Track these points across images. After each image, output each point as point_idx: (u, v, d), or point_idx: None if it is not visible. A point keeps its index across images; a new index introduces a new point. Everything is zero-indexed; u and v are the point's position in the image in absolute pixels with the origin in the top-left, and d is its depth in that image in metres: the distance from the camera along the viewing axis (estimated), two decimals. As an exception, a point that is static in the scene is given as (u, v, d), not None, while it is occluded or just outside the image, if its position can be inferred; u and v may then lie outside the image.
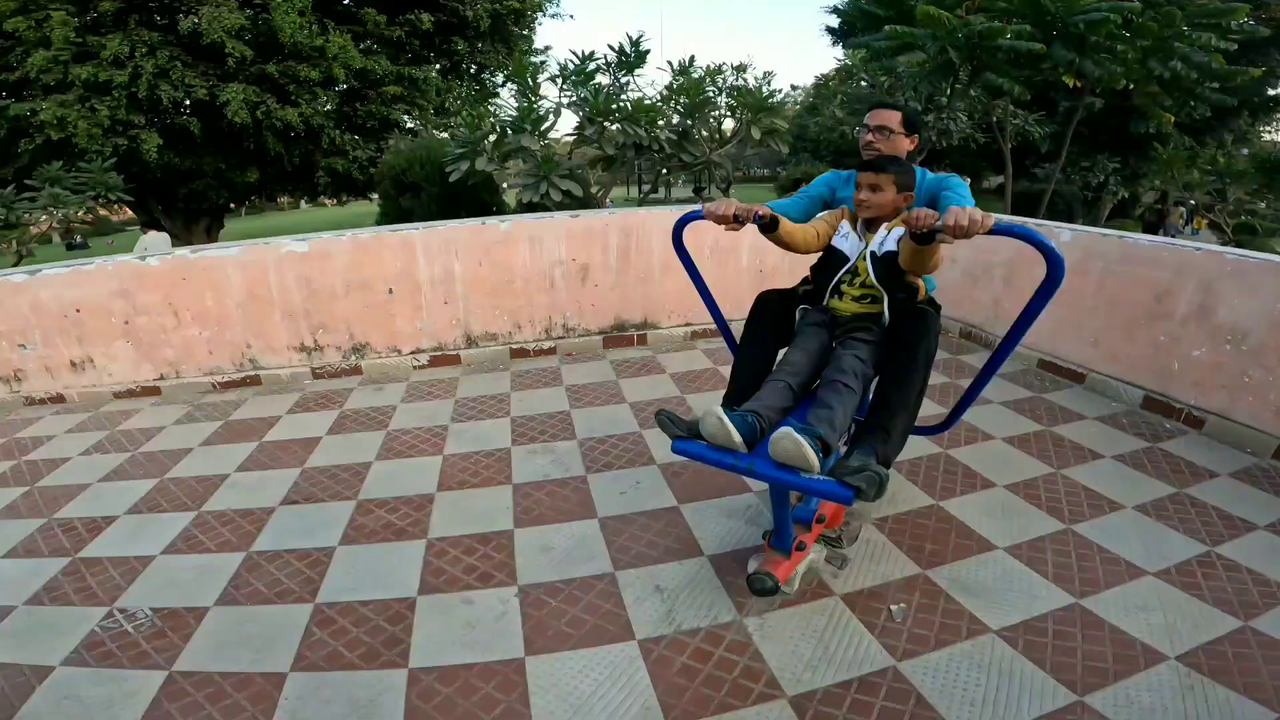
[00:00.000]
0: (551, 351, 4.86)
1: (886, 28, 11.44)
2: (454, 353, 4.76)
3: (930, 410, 3.46)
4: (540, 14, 16.32)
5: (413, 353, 4.74)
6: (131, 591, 2.38)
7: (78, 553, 2.66)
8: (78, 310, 4.36)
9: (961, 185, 2.15)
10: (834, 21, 20.89)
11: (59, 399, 4.57)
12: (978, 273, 4.64)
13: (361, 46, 13.05)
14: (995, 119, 13.00)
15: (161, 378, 4.58)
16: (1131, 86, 13.09)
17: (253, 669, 1.95)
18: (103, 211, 11.06)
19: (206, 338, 4.51)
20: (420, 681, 1.86)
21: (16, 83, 11.00)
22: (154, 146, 11.33)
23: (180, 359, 4.54)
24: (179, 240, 14.31)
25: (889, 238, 2.17)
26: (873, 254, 2.17)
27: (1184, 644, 1.89)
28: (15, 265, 6.56)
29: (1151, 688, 1.75)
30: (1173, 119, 14.81)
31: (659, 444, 3.25)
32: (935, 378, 3.86)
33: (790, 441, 1.70)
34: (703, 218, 2.18)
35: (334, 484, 3.07)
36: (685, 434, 1.96)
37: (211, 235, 15.25)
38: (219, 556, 2.56)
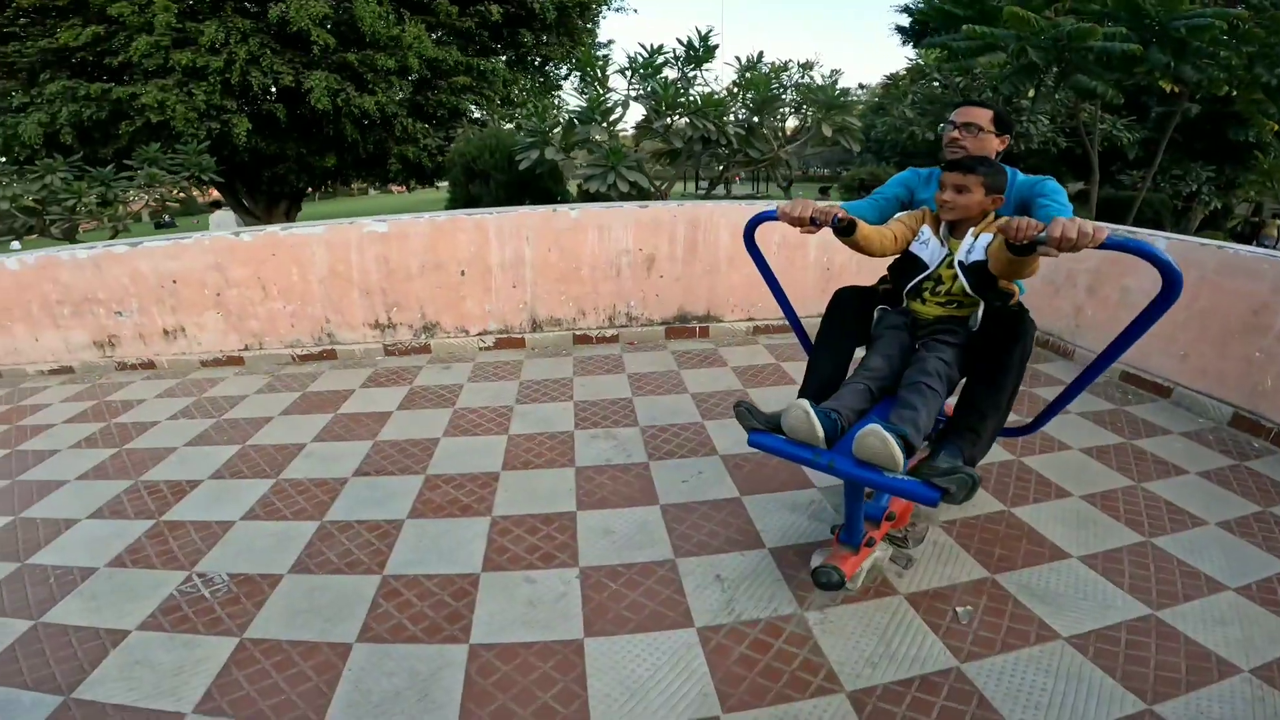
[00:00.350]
0: (614, 339, 4.91)
1: (965, 28, 11.01)
2: (519, 336, 4.87)
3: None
4: (605, 6, 16.43)
5: (480, 334, 4.87)
6: (211, 556, 2.47)
7: (162, 515, 2.79)
8: (174, 281, 4.64)
9: (1059, 191, 2.03)
10: (904, 20, 20.31)
11: (149, 365, 4.88)
12: (1059, 279, 4.45)
13: (434, 37, 13.41)
14: (1082, 123, 12.40)
15: (246, 348, 4.84)
16: (1234, 93, 12.28)
17: (321, 638, 2.01)
18: (194, 192, 11.68)
19: (290, 311, 4.73)
20: (480, 657, 1.90)
21: (118, 67, 11.69)
22: (243, 131, 11.90)
23: (264, 331, 4.79)
24: (260, 221, 15.04)
25: (976, 245, 2.07)
26: (961, 264, 2.08)
27: (1260, 657, 1.84)
28: (111, 240, 7.01)
29: (1223, 699, 1.71)
30: (1276, 126, 13.83)
31: (721, 435, 3.26)
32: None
33: (877, 439, 1.67)
34: (775, 218, 2.13)
35: (403, 458, 3.18)
36: (763, 427, 1.95)
37: (290, 217, 15.96)
38: (295, 524, 2.65)
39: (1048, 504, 2.63)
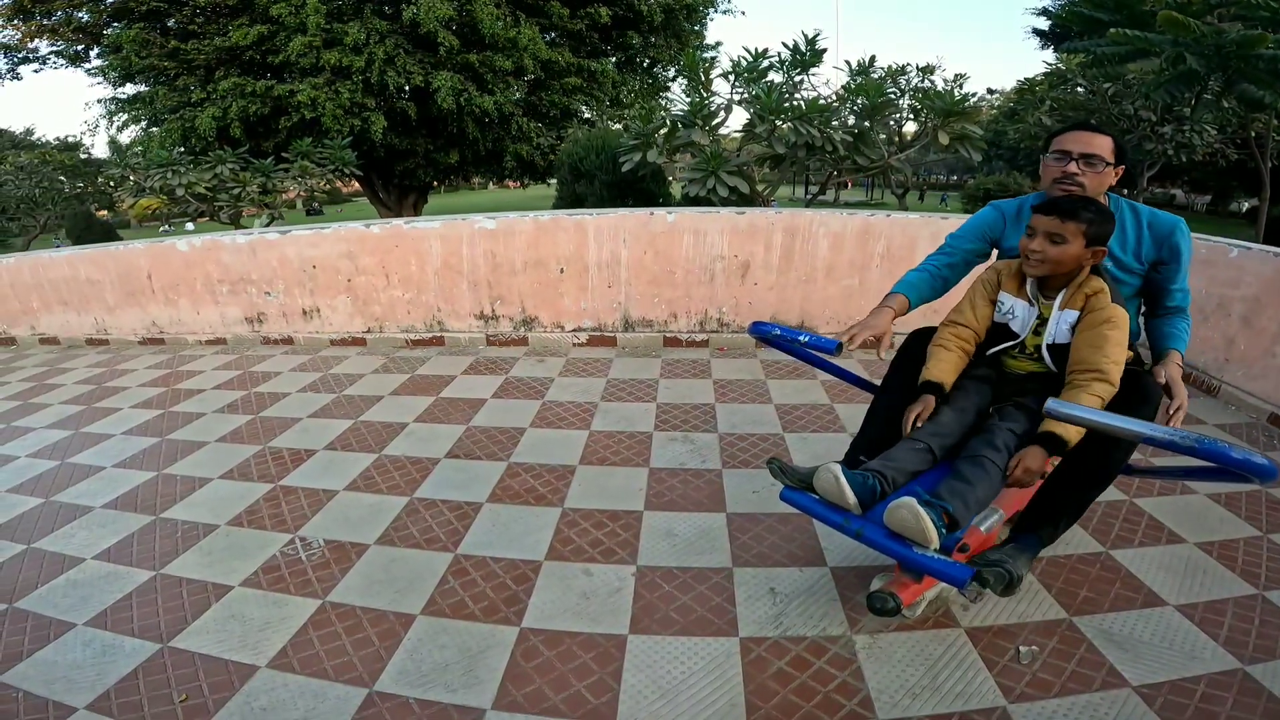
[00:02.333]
0: (704, 344, 4.95)
1: (1112, 31, 10.06)
2: (611, 335, 5.02)
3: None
4: (712, 9, 16.47)
5: (574, 330, 5.06)
6: (313, 522, 2.69)
7: (279, 480, 3.09)
8: (314, 266, 5.16)
9: (1188, 255, 1.91)
10: (1042, 23, 18.89)
11: (289, 341, 5.45)
12: (1210, 307, 3.95)
13: (547, 39, 13.97)
14: (1253, 134, 11.04)
15: (368, 331, 5.30)
16: None
17: (390, 608, 2.14)
18: (338, 184, 12.83)
19: (407, 299, 5.15)
20: (528, 641, 1.99)
21: (278, 65, 12.99)
22: (380, 128, 12.92)
23: (385, 315, 5.23)
24: (393, 212, 16.26)
25: (1061, 321, 1.80)
26: (1047, 346, 1.85)
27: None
28: (268, 225, 7.86)
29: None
30: None
31: (801, 448, 3.23)
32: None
33: (909, 512, 1.58)
34: (775, 332, 2.05)
35: (491, 444, 3.38)
36: (795, 484, 1.89)
37: (418, 209, 17.18)
38: (387, 498, 2.87)
39: (1154, 549, 2.41)
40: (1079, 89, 13.82)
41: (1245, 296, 3.77)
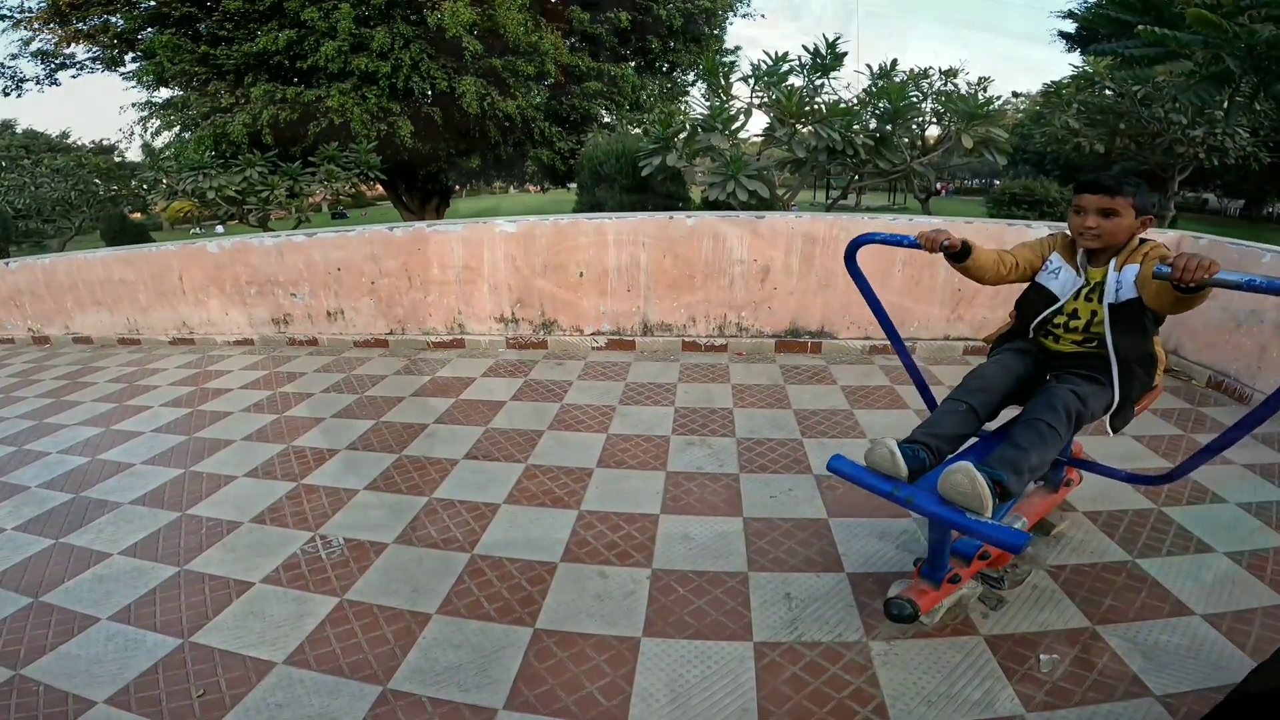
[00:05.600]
0: (722, 349, 4.94)
1: (1140, 28, 9.86)
2: (630, 339, 5.03)
3: (1150, 461, 3.07)
4: (731, 13, 16.46)
5: (593, 334, 5.08)
6: (334, 520, 2.76)
7: (302, 479, 3.15)
8: (339, 269, 5.25)
9: None
10: (1068, 26, 18.65)
11: (313, 342, 5.54)
12: (1243, 313, 3.85)
13: (568, 43, 14.05)
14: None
15: (390, 333, 5.37)
16: None
17: (406, 606, 2.18)
18: (362, 188, 13.00)
19: (429, 302, 5.21)
20: (541, 642, 2.00)
21: (307, 70, 13.19)
22: (407, 133, 13.08)
23: (407, 318, 5.30)
24: (415, 215, 16.46)
25: (1124, 280, 1.83)
26: (1110, 306, 1.86)
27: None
28: (294, 229, 7.98)
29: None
30: None
31: (819, 454, 3.21)
32: (1166, 428, 3.42)
33: (965, 476, 1.58)
34: (877, 241, 2.13)
35: (509, 446, 3.41)
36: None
37: (440, 213, 17.34)
38: (406, 498, 2.91)
39: (1182, 558, 2.36)
40: (1107, 92, 13.58)
41: (1279, 303, 3.67)
